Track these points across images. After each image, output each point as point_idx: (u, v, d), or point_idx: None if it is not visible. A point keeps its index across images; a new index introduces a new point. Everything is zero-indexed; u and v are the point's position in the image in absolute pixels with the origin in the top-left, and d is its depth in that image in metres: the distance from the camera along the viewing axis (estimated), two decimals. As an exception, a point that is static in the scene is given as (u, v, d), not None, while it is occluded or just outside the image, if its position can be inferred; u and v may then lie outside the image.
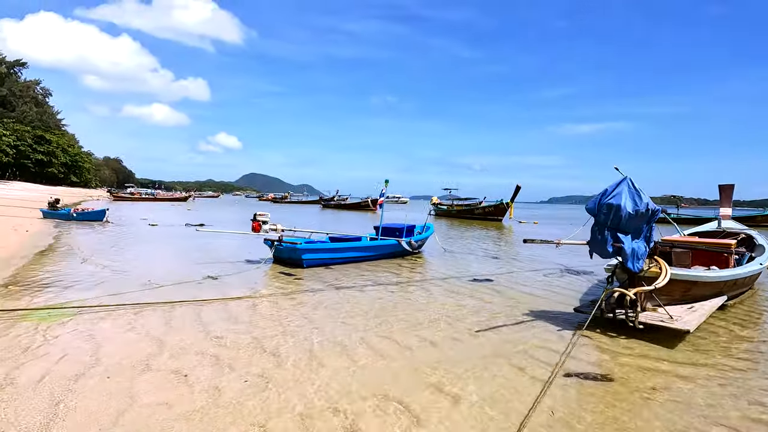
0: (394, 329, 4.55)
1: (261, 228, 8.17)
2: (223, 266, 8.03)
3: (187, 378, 3.20)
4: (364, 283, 6.95)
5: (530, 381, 3.34)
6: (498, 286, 6.90)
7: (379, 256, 9.42)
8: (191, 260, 8.68)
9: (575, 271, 8.57)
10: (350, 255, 8.73)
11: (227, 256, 9.39)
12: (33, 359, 3.44)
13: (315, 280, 7.07)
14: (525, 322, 4.96)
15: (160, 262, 8.47)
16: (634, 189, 4.36)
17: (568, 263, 9.66)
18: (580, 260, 10.04)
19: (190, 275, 7.07)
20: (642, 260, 4.46)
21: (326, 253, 8.30)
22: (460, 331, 4.55)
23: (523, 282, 7.32)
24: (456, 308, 5.49)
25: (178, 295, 5.72)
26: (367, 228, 22.70)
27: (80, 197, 47.92)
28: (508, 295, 6.31)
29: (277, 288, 6.37)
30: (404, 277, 7.61)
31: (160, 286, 6.22)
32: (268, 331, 4.36)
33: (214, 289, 6.13)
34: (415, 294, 6.25)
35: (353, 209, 44.47)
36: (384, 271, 8.07)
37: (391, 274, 7.80)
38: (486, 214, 29.24)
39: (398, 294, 6.22)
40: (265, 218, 8.21)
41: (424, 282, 7.16)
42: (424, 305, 5.61)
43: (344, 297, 5.94)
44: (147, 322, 4.54)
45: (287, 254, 8.17)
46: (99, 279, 6.56)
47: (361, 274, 7.70)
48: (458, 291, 6.49)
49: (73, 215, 18.14)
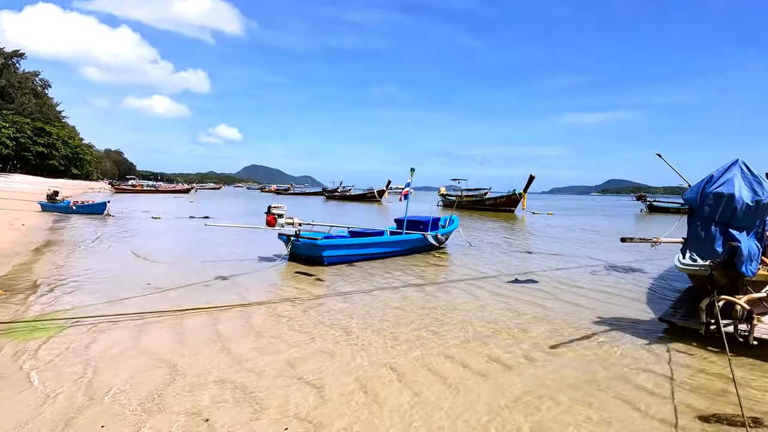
0: (451, 345, 3.77)
1: (276, 222, 7.38)
2: (234, 264, 7.26)
3: (209, 425, 2.43)
4: (396, 283, 6.17)
5: (658, 426, 2.55)
6: (546, 287, 6.11)
7: (404, 252, 8.64)
8: (198, 257, 7.91)
9: (621, 269, 7.78)
10: (374, 251, 7.95)
11: (237, 252, 8.61)
12: (1, 401, 2.68)
13: (340, 280, 6.30)
14: (600, 333, 4.18)
15: (165, 259, 7.70)
16: (750, 174, 3.54)
17: (608, 259, 8.86)
18: (619, 256, 9.24)
19: (199, 275, 6.30)
20: (756, 262, 3.65)
21: (349, 249, 7.52)
22: (531, 347, 3.77)
23: (572, 282, 6.53)
24: (512, 316, 4.71)
25: (186, 300, 4.95)
26: (377, 220, 21.98)
27: (81, 190, 47.21)
28: (563, 298, 5.52)
29: (299, 290, 5.60)
30: (438, 276, 6.83)
31: (166, 289, 5.45)
32: (301, 349, 3.59)
33: (228, 293, 5.36)
34: (459, 298, 5.46)
35: (358, 200, 43.64)
36: (413, 269, 7.29)
37: (422, 273, 7.02)
38: (498, 205, 28.39)
39: (441, 298, 5.44)
40: (281, 211, 7.41)
41: (462, 282, 6.38)
42: (474, 312, 4.83)
43: (380, 302, 5.16)
44: (153, 337, 3.77)
45: (306, 251, 7.39)
46: (97, 281, 5.80)
47: (389, 273, 6.92)
48: (505, 293, 5.70)
49: (73, 208, 17.40)
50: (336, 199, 47.03)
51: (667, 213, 32.89)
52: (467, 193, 35.57)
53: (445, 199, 35.54)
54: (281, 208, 7.41)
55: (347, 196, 47.15)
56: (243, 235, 11.25)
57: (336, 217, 21.34)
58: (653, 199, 35.23)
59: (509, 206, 27.73)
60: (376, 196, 41.40)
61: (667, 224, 22.34)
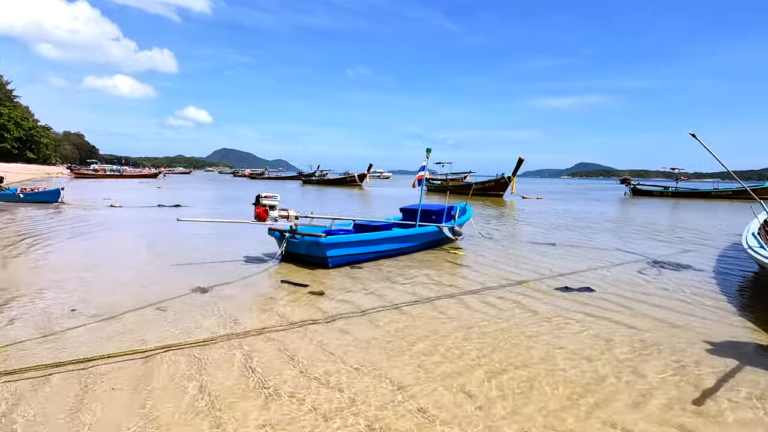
0: (562, 406, 2.54)
1: (267, 215, 5.95)
2: (214, 269, 5.83)
3: None
4: (425, 293, 4.89)
5: None
6: (608, 296, 4.95)
7: (418, 248, 7.37)
8: (168, 260, 6.41)
9: (669, 264, 6.75)
10: (387, 248, 6.64)
11: (216, 251, 7.14)
12: None
13: (353, 287, 4.98)
14: (742, 372, 3.03)
15: (125, 264, 6.17)
16: None
17: (640, 250, 7.84)
18: (647, 246, 8.25)
19: (169, 287, 4.86)
20: None
21: (357, 246, 6.18)
22: (665, 401, 2.58)
23: (633, 287, 5.41)
24: (603, 345, 3.51)
25: (153, 330, 3.55)
26: (360, 206, 20.57)
27: (36, 174, 43.66)
28: (643, 312, 4.38)
29: (308, 307, 4.25)
30: (468, 280, 5.59)
31: (121, 312, 4.00)
32: (332, 421, 2.28)
33: (211, 316, 3.97)
34: (517, 315, 4.23)
35: (338, 185, 42.02)
36: (434, 272, 6.04)
37: (448, 277, 5.77)
38: (486, 189, 27.44)
39: (494, 316, 4.19)
40: (273, 201, 5.98)
41: (503, 290, 5.17)
42: (550, 338, 3.61)
43: (415, 323, 3.88)
44: (103, 405, 2.39)
45: (305, 250, 6.02)
46: (21, 305, 4.27)
47: (408, 277, 5.64)
48: (566, 307, 4.51)
49: (20, 196, 15.31)
50: (313, 183, 45.22)
51: (651, 196, 32.82)
52: (452, 177, 34.50)
53: (430, 183, 34.43)
54: (273, 198, 5.98)
55: (326, 180, 45.40)
56: (222, 227, 9.72)
57: (316, 203, 19.87)
58: (637, 183, 35.12)
59: (498, 190, 26.85)
60: (357, 181, 39.86)
61: (656, 207, 21.88)
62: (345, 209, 16.48)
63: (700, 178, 51.93)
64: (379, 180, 69.67)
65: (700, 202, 27.36)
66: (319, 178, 47.77)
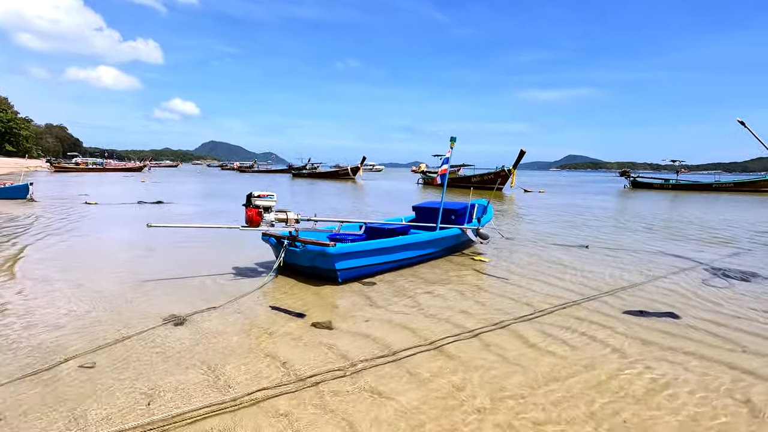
0: None
1: (262, 219, 4.81)
2: (195, 287, 4.70)
3: None
4: (464, 320, 3.81)
5: None
6: (701, 324, 3.90)
7: (440, 254, 6.32)
8: (137, 273, 5.25)
9: (735, 273, 5.77)
10: (405, 256, 5.56)
11: (199, 260, 5.99)
12: None
13: (371, 313, 3.88)
14: None
15: (84, 279, 4.99)
16: None
17: (687, 254, 6.87)
18: (688, 248, 7.28)
19: (133, 316, 3.73)
20: None
21: (371, 256, 5.08)
22: None
23: (720, 309, 4.40)
24: (742, 411, 2.48)
25: (87, 402, 2.43)
26: (356, 201, 19.33)
27: (14, 168, 41.65)
28: (756, 350, 3.36)
29: (318, 350, 3.15)
30: (511, 299, 4.52)
31: (67, 358, 2.87)
32: None
33: (184, 368, 2.85)
34: (598, 359, 3.16)
35: (330, 178, 40.75)
36: (465, 285, 4.98)
37: (484, 293, 4.71)
38: (485, 182, 26.47)
39: (565, 361, 3.13)
40: (268, 202, 4.83)
41: (560, 315, 4.12)
42: (664, 401, 2.57)
43: (470, 375, 2.80)
44: None
45: (309, 261, 4.91)
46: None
47: (435, 294, 4.57)
48: (657, 343, 3.47)
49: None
50: (304, 176, 43.87)
51: (651, 189, 32.20)
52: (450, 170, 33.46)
53: (426, 176, 33.36)
54: (269, 198, 4.83)
55: (317, 173, 44.06)
56: (207, 229, 8.55)
57: (307, 198, 18.69)
58: (636, 175, 34.48)
59: (498, 183, 25.85)
60: (350, 174, 38.62)
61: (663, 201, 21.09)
62: (341, 205, 15.34)
63: (690, 170, 51.72)
64: (372, 173, 68.49)
65: (703, 195, 26.71)
66: (310, 171, 46.41)
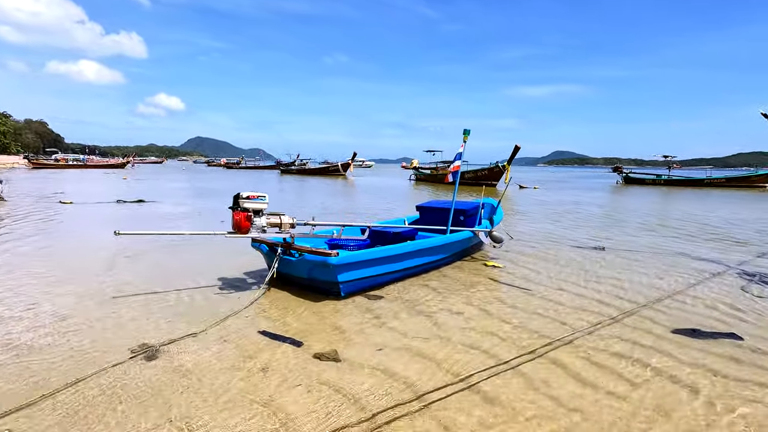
0: None
1: (251, 224, 4.14)
2: (173, 305, 4.02)
3: None
4: (495, 346, 3.20)
5: None
6: (761, 343, 3.40)
7: (450, 260, 5.72)
8: (106, 289, 4.54)
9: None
10: (413, 264, 4.94)
11: (180, 269, 5.30)
12: None
13: (383, 338, 3.25)
14: None
15: (37, 300, 4.27)
16: None
17: (719, 257, 6.37)
18: (707, 249, 6.79)
19: (95, 346, 3.05)
20: None
21: (378, 265, 4.44)
22: None
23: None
24: None
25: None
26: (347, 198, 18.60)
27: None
28: None
29: (327, 396, 2.51)
30: (541, 316, 3.93)
31: None
32: None
33: (159, 427, 2.19)
34: (668, 400, 2.57)
35: (319, 175, 39.96)
36: (485, 298, 4.38)
37: (509, 309, 4.11)
38: (478, 179, 25.98)
39: (628, 403, 2.54)
40: (260, 204, 4.15)
41: (601, 335, 3.54)
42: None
43: (520, 427, 2.21)
44: None
45: (307, 272, 4.27)
46: None
47: (454, 311, 3.96)
48: (727, 373, 2.91)
49: (-52, 191, 12.93)
50: (293, 173, 42.95)
51: (643, 185, 32.09)
52: (443, 166, 32.90)
53: (419, 172, 32.79)
54: (260, 200, 4.15)
55: (306, 170, 43.17)
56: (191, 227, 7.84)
57: (297, 195, 17.96)
58: (629, 171, 34.37)
59: (492, 180, 25.40)
60: (341, 170, 37.86)
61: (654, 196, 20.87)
62: (333, 203, 14.67)
63: (691, 166, 52.08)
64: (362, 169, 67.75)
65: (695, 190, 26.61)
66: (299, 167, 45.48)
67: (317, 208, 12.64)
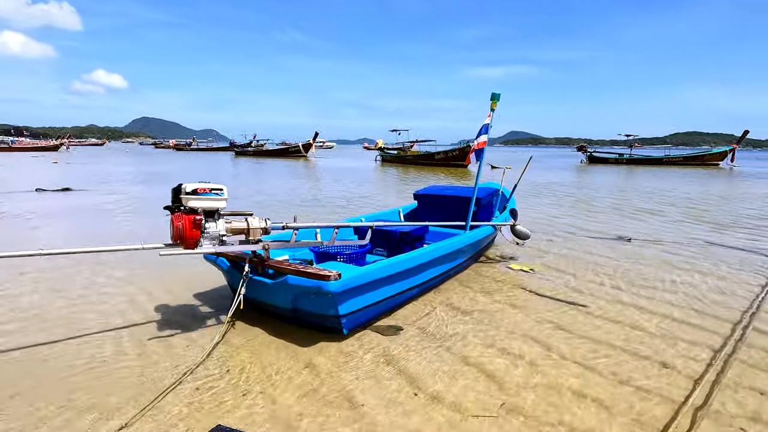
0: None
1: (203, 234, 2.68)
2: (74, 369, 2.54)
3: None
4: (605, 423, 2.03)
5: None
6: None
7: (468, 263, 4.50)
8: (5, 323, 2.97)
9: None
10: (433, 275, 3.67)
11: (89, 297, 3.76)
12: None
13: (445, 428, 2.00)
14: None
15: None
16: None
17: (746, 244, 5.54)
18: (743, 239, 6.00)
19: None
20: None
21: (389, 284, 3.12)
22: None
23: None
24: None
25: None
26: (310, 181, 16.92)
27: None
28: None
29: None
30: (647, 355, 2.78)
31: None
32: None
33: None
34: None
35: (279, 156, 37.66)
36: (545, 324, 3.18)
37: (577, 340, 2.94)
38: (449, 159, 24.99)
39: None
40: (214, 202, 2.69)
41: (757, 394, 2.44)
42: None
43: None
44: None
45: (291, 301, 2.89)
46: None
47: (511, 345, 2.74)
48: None
49: None
50: (249, 155, 40.25)
51: (606, 164, 32.38)
52: (409, 146, 31.63)
53: (385, 153, 31.39)
54: (215, 195, 2.68)
55: (264, 151, 40.61)
56: (131, 228, 6.19)
57: (256, 179, 16.13)
58: (593, 150, 34.60)
59: (463, 160, 24.44)
60: (302, 151, 35.77)
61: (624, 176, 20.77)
62: (300, 188, 13.09)
63: (618, 145, 53.58)
64: (323, 150, 65.40)
65: (655, 169, 26.93)
66: (255, 148, 42.78)
67: (282, 195, 11.07)
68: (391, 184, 15.34)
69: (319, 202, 9.91)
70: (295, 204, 9.48)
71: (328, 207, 9.11)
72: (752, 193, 12.61)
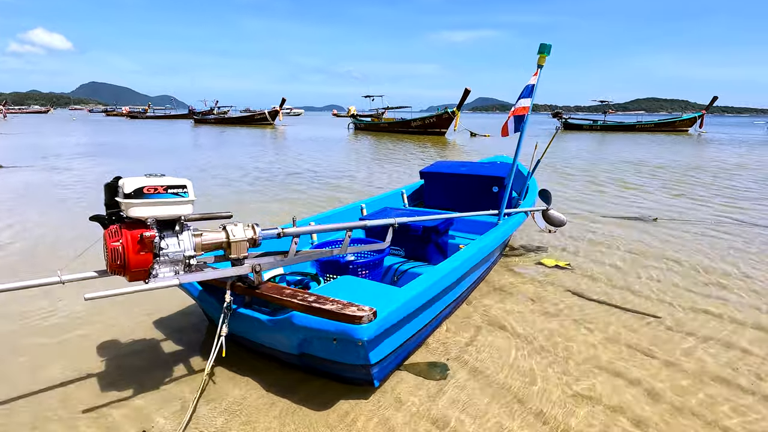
0: None
1: (155, 254, 1.72)
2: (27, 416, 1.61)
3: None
4: None
5: None
6: None
7: (497, 259, 3.72)
8: None
9: None
10: (468, 285, 2.87)
11: (25, 341, 2.76)
12: None
13: None
14: None
15: None
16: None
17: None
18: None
19: None
20: None
21: (427, 309, 2.28)
22: None
23: None
24: None
25: None
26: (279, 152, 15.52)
27: None
28: None
29: None
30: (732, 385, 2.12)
31: None
32: None
33: None
34: None
35: (243, 124, 35.51)
36: (627, 348, 2.46)
37: (671, 371, 2.24)
38: (426, 126, 24.03)
39: None
40: (170, 208, 1.73)
41: None
42: None
43: None
44: None
45: (298, 346, 2.02)
46: None
47: (582, 390, 2.01)
48: None
49: None
50: (210, 123, 37.72)
51: (581, 130, 32.32)
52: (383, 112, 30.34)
53: (358, 120, 30.02)
54: (174, 196, 1.73)
55: (227, 119, 38.16)
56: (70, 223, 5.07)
57: (218, 152, 14.71)
58: (568, 117, 34.44)
59: (441, 127, 23.56)
60: (268, 119, 33.78)
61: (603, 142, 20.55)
62: (276, 162, 11.90)
63: (625, 111, 54.09)
64: (291, 117, 62.77)
65: (628, 135, 26.98)
66: (217, 116, 40.18)
67: (254, 172, 9.92)
68: (364, 152, 14.27)
69: (304, 178, 8.87)
70: (271, 175, 8.41)
71: (317, 185, 8.10)
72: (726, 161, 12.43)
